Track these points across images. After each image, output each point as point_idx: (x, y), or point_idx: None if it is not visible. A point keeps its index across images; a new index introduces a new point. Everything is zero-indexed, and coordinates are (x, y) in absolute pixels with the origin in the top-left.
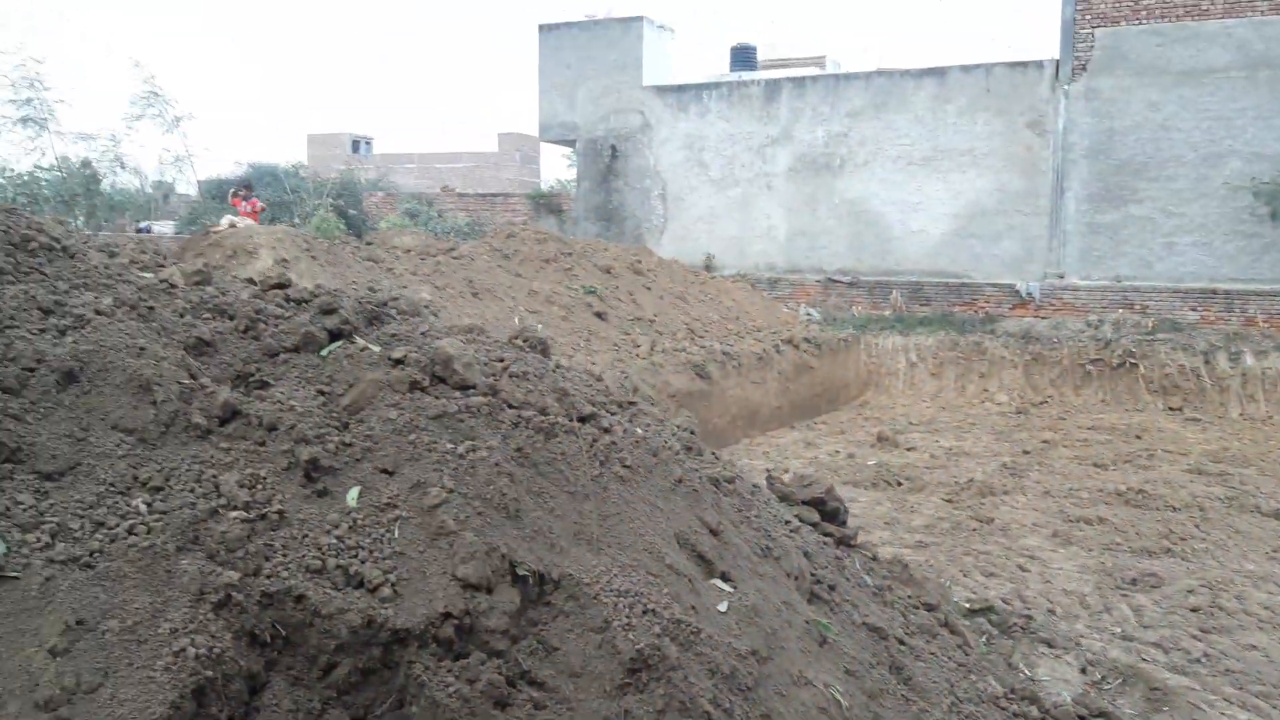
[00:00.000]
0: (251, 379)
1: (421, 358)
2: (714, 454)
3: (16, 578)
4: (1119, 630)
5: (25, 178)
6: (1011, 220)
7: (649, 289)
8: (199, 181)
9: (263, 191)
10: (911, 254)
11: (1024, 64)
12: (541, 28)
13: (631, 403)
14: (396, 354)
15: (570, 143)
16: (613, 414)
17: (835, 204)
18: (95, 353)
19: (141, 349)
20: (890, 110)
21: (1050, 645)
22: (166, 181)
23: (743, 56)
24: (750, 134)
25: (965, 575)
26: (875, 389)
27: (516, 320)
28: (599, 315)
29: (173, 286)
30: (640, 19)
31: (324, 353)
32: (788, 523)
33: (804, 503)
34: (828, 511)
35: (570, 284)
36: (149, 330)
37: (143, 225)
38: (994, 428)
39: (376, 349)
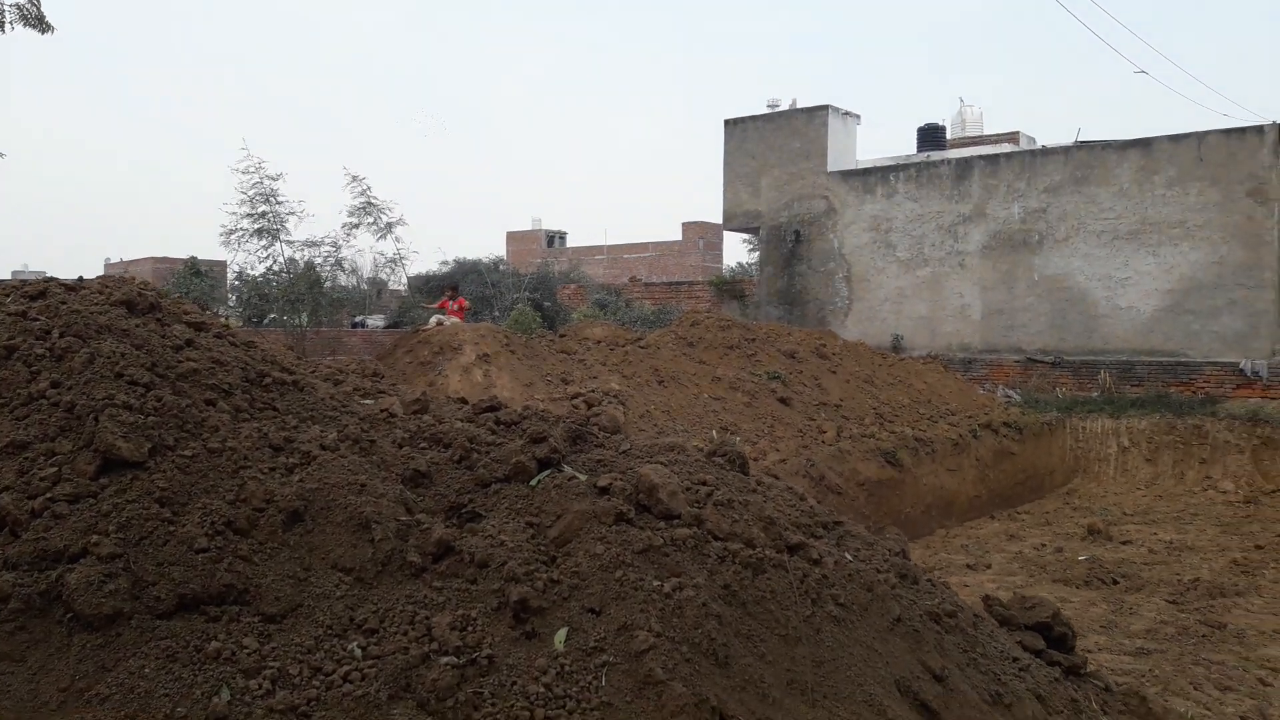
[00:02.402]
0: (464, 510)
1: (626, 486)
2: (930, 580)
3: None
4: None
5: (259, 280)
6: (1232, 294)
7: (834, 373)
8: (409, 279)
9: (467, 288)
10: (1120, 331)
11: (1241, 130)
12: (727, 122)
13: (838, 523)
14: (602, 482)
15: (754, 230)
16: (819, 537)
17: (1034, 281)
18: (319, 491)
19: (362, 486)
20: (1092, 184)
21: None
22: (380, 279)
23: (930, 136)
24: (940, 213)
25: (1196, 689)
26: (1083, 476)
27: (714, 434)
28: (783, 401)
29: (393, 416)
30: (825, 108)
31: (533, 483)
32: (1015, 660)
33: (1027, 628)
34: (1054, 637)
35: (754, 370)
36: (370, 465)
37: (358, 320)
38: (1219, 519)
39: (583, 478)
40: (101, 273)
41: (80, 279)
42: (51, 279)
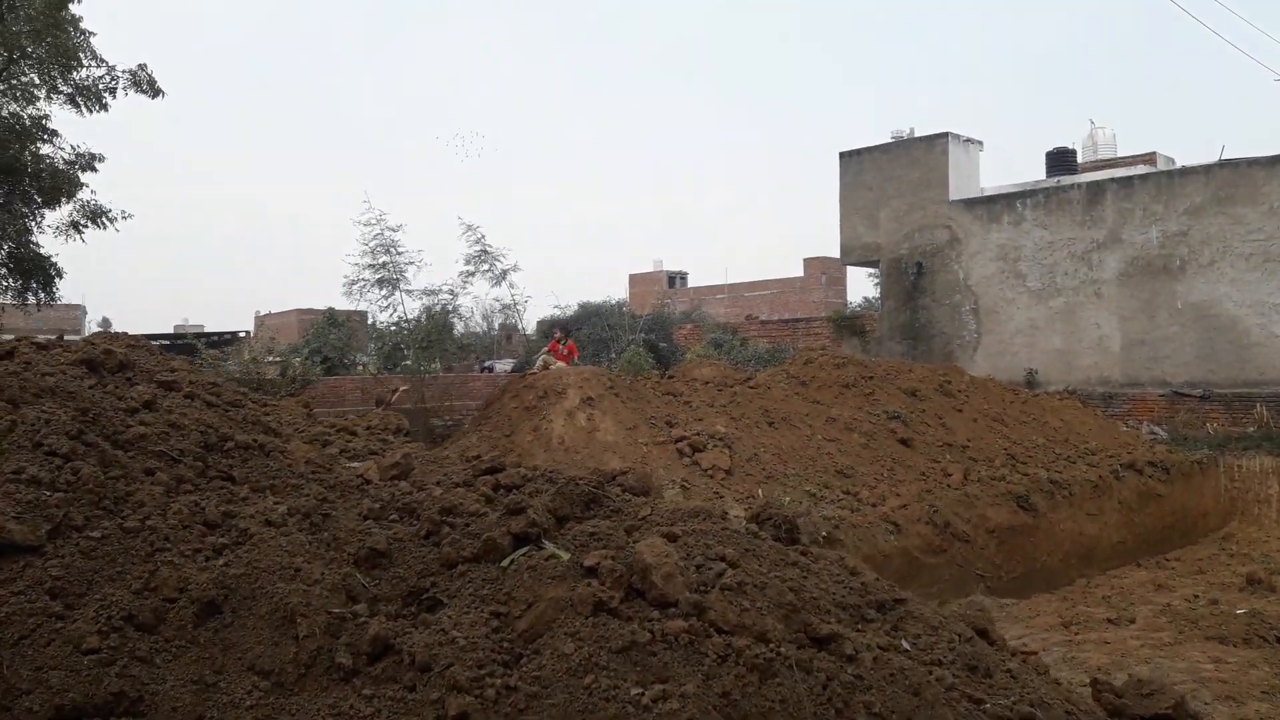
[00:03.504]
0: (424, 596)
1: (617, 567)
2: (1010, 670)
3: None
4: None
5: (392, 329)
6: None
7: (960, 411)
8: (537, 323)
9: (587, 331)
10: (1276, 361)
11: None
12: (842, 155)
13: (899, 600)
14: (589, 561)
15: (873, 263)
16: (870, 621)
17: (1178, 309)
18: (244, 577)
19: (296, 571)
20: (1238, 204)
21: None
22: (510, 324)
23: (1060, 161)
24: (1072, 240)
25: None
26: (1240, 519)
27: (759, 493)
28: (904, 442)
29: (367, 483)
30: (945, 135)
31: (505, 563)
32: None
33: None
34: None
35: (872, 409)
36: (316, 544)
37: (486, 364)
38: None
39: (565, 556)
40: (251, 327)
41: (61, 336)
42: (24, 338)
